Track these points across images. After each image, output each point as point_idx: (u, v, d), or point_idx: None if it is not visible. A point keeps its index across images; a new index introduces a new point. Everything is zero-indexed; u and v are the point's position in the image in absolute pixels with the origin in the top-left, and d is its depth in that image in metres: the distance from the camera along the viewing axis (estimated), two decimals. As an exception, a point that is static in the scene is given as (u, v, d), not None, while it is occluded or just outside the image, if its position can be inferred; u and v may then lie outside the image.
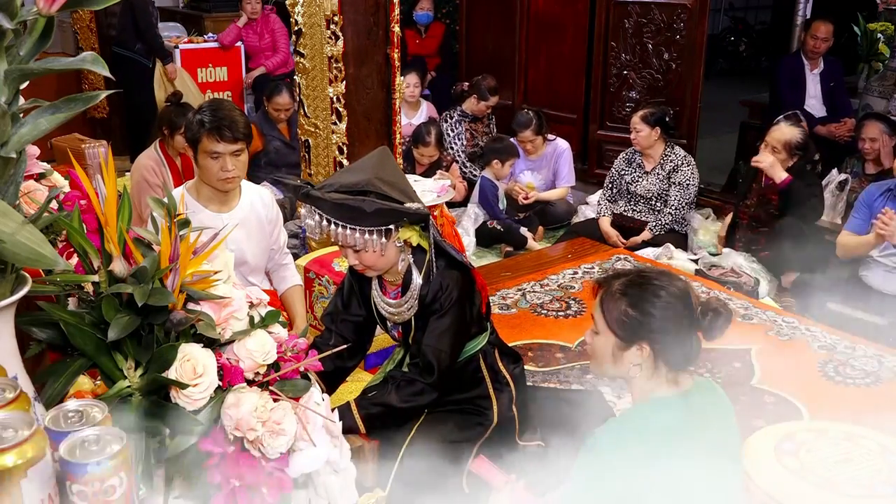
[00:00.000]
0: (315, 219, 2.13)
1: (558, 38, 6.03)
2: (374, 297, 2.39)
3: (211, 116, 2.70)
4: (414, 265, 2.27)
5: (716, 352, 3.44)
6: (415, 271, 2.27)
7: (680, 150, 4.81)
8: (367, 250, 2.14)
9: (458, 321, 2.26)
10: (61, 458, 0.91)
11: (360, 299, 2.43)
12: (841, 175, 4.93)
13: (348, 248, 2.17)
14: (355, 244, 2.12)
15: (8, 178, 1.00)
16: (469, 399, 2.40)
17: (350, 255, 2.19)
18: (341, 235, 2.10)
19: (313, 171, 4.17)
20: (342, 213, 2.08)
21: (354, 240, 2.10)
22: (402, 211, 2.10)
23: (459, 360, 2.35)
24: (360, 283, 2.42)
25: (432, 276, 2.25)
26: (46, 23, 0.97)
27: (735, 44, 10.76)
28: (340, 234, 2.10)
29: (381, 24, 3.88)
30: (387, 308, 2.36)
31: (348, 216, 2.08)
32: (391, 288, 2.35)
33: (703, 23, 5.34)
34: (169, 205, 1.17)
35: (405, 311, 2.31)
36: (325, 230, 2.12)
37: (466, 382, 2.40)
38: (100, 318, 1.11)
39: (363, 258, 2.18)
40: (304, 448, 1.18)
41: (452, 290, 2.25)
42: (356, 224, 2.08)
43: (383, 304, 2.36)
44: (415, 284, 2.27)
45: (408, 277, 2.28)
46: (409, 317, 2.31)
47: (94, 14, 6.45)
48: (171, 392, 1.13)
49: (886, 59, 6.17)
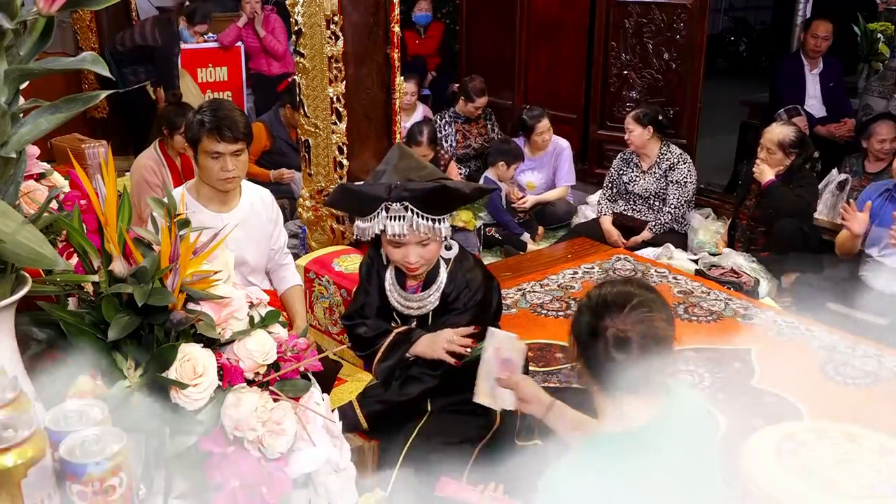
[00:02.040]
0: (403, 217, 2.13)
1: (558, 38, 6.03)
2: (389, 291, 2.39)
3: (211, 116, 2.70)
4: (442, 261, 2.31)
5: (716, 352, 3.45)
6: (442, 266, 2.31)
7: (676, 148, 4.82)
8: (436, 240, 2.19)
9: (475, 322, 2.28)
10: (61, 458, 0.91)
11: (377, 290, 2.45)
12: (841, 175, 4.93)
13: (413, 246, 2.18)
14: (430, 234, 2.15)
15: (8, 178, 1.00)
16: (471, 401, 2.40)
17: (412, 253, 2.19)
18: (424, 227, 2.13)
19: (313, 171, 4.17)
20: (431, 201, 2.12)
21: (430, 230, 2.14)
22: (480, 189, 2.23)
23: (466, 360, 2.35)
24: (378, 277, 2.43)
25: (458, 274, 2.29)
26: (46, 23, 0.97)
27: (735, 44, 10.77)
28: (423, 227, 2.13)
29: (381, 24, 3.88)
30: (402, 302, 2.36)
31: (439, 204, 2.14)
32: (411, 283, 2.36)
33: (703, 23, 5.34)
34: (169, 205, 1.17)
35: (424, 307, 2.33)
36: (404, 228, 2.13)
37: (472, 382, 2.41)
38: (100, 318, 1.11)
39: (429, 251, 2.21)
40: (304, 448, 1.18)
41: (477, 292, 2.29)
42: (440, 212, 2.14)
43: (398, 299, 2.37)
44: (441, 280, 2.30)
45: (433, 273, 2.30)
46: (425, 312, 2.33)
47: (94, 14, 6.45)
48: (171, 392, 1.13)
49: (886, 59, 6.18)
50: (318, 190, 4.20)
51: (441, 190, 2.13)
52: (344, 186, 2.28)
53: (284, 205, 4.62)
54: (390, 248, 2.23)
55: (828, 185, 4.90)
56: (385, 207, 2.14)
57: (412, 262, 2.21)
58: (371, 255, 2.45)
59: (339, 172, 4.04)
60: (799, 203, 4.19)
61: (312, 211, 4.26)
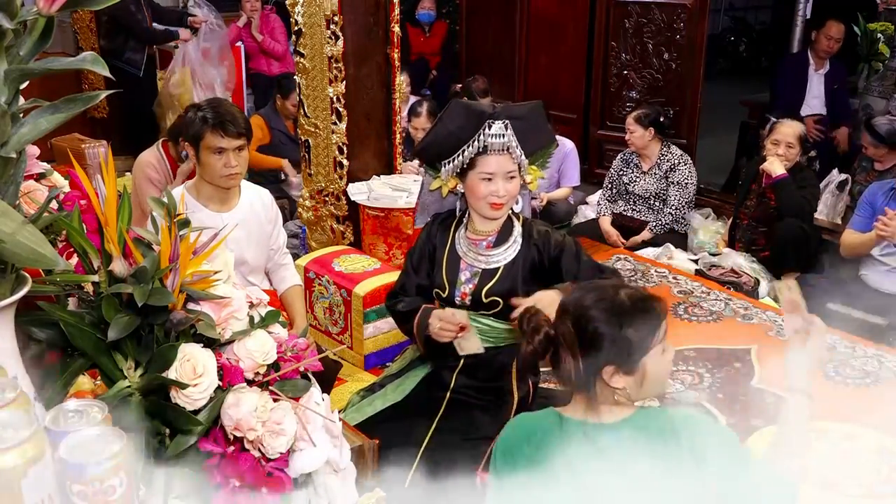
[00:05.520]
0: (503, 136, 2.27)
1: (558, 37, 6.03)
2: (462, 252, 2.44)
3: (213, 112, 2.71)
4: (513, 216, 2.45)
5: (716, 352, 3.45)
6: (514, 218, 2.44)
7: (677, 149, 4.81)
8: (518, 175, 2.34)
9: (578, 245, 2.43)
10: (61, 458, 0.91)
11: (428, 266, 2.50)
12: (841, 175, 4.93)
13: (501, 179, 2.31)
14: (518, 163, 2.31)
15: (8, 178, 1.00)
16: (493, 388, 2.41)
17: (501, 185, 2.31)
18: (517, 154, 2.30)
19: (313, 171, 4.17)
20: (528, 121, 2.31)
21: (519, 159, 2.31)
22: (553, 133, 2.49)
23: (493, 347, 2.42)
24: (433, 251, 2.50)
25: (534, 229, 2.44)
26: (46, 23, 0.97)
27: (735, 44, 10.77)
28: (516, 153, 2.30)
29: (381, 24, 3.88)
30: (478, 256, 2.41)
31: (533, 127, 2.33)
32: (480, 238, 2.43)
33: (703, 23, 5.34)
34: (169, 205, 1.17)
35: (503, 259, 2.39)
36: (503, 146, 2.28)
37: (497, 371, 2.42)
38: (100, 318, 1.11)
39: (514, 185, 2.34)
40: (304, 448, 1.18)
41: (553, 232, 2.45)
42: (528, 144, 2.32)
43: (474, 255, 2.42)
44: (517, 230, 2.41)
45: (507, 226, 2.42)
46: (500, 264, 2.38)
47: (94, 14, 6.45)
48: (171, 392, 1.13)
49: (886, 59, 6.17)
50: (318, 190, 4.19)
51: (538, 107, 2.36)
52: (457, 101, 2.40)
53: (284, 205, 4.63)
54: (479, 184, 2.33)
55: (828, 185, 4.91)
56: (488, 125, 2.27)
57: (501, 196, 2.32)
58: (429, 233, 2.52)
59: (339, 172, 4.05)
60: (803, 203, 4.19)
61: (312, 211, 4.26)
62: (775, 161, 4.18)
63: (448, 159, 2.34)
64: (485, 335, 2.42)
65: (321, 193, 4.18)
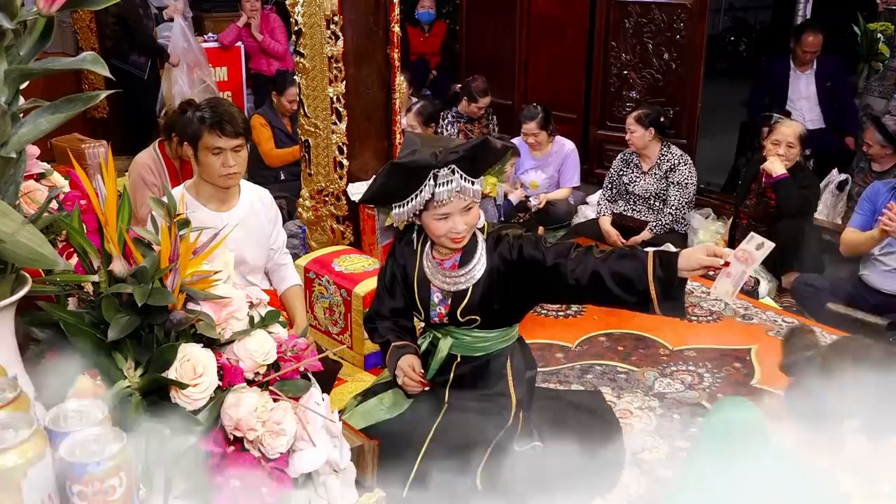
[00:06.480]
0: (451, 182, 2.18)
1: (558, 38, 6.03)
2: (430, 274, 2.39)
3: (211, 112, 2.71)
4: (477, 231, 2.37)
5: (716, 352, 3.45)
6: (478, 233, 2.36)
7: (677, 149, 4.81)
8: (476, 203, 2.25)
9: None
10: (61, 458, 0.91)
11: (402, 288, 2.46)
12: (841, 175, 4.93)
13: (458, 215, 2.23)
14: (473, 197, 2.23)
15: (8, 178, 1.00)
16: (490, 395, 2.41)
17: (459, 222, 2.23)
18: (470, 189, 2.20)
19: (313, 171, 4.17)
20: (476, 159, 2.22)
21: (474, 192, 2.22)
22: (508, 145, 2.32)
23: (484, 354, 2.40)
24: (403, 271, 2.45)
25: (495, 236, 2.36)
26: (46, 23, 0.97)
27: (735, 44, 10.76)
28: (469, 189, 2.20)
29: (381, 24, 3.87)
30: (445, 280, 2.36)
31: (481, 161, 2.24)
32: (445, 258, 2.37)
33: (703, 23, 5.34)
34: (169, 204, 1.17)
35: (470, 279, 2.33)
36: (452, 193, 2.19)
37: (492, 378, 2.42)
38: (100, 318, 1.11)
39: (472, 216, 2.26)
40: (304, 448, 1.18)
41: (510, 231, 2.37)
42: (480, 172, 2.25)
43: (441, 278, 2.37)
44: (480, 246, 2.34)
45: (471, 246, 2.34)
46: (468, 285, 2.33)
47: (94, 14, 6.46)
48: (171, 392, 1.13)
49: (886, 59, 6.16)
50: (318, 190, 4.20)
51: (484, 143, 2.23)
52: (394, 163, 2.29)
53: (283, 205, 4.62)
54: (435, 223, 2.25)
55: (828, 185, 4.91)
56: (433, 175, 2.19)
57: (460, 231, 2.25)
58: (395, 254, 2.47)
59: (339, 172, 4.05)
60: (803, 203, 4.19)
61: (312, 211, 4.26)
62: (776, 161, 4.18)
63: (398, 204, 2.25)
64: (475, 346, 2.42)
65: (321, 193, 4.18)
